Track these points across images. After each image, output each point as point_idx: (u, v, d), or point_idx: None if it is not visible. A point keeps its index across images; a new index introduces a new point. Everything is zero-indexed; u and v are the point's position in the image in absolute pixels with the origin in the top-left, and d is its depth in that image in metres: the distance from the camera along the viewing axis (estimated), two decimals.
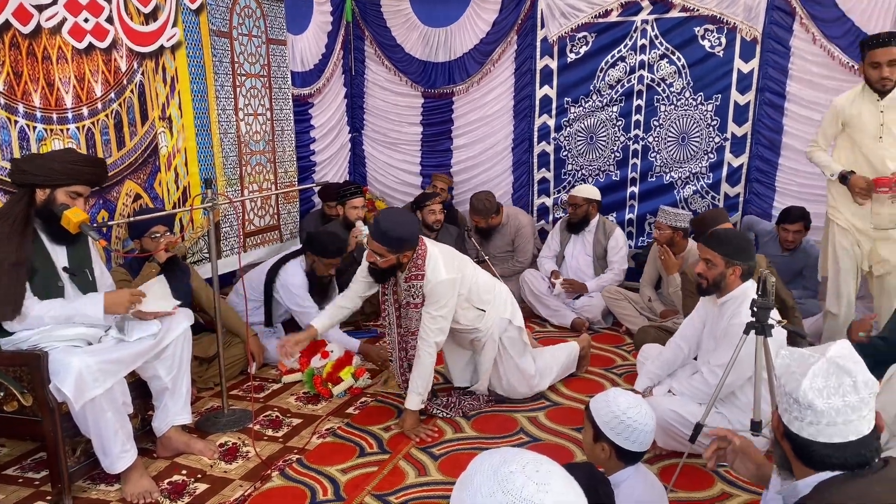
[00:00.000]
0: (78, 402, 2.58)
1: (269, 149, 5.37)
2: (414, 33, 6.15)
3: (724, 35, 5.26)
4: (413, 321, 3.34)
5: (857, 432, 1.41)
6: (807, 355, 1.49)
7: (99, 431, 2.69)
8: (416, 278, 3.24)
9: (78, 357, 2.60)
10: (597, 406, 2.12)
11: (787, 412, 1.48)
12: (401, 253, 3.17)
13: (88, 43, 3.72)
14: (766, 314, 2.52)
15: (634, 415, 2.05)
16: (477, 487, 1.06)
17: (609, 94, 5.66)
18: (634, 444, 2.05)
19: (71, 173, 2.79)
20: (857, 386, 1.41)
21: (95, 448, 2.74)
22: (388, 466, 2.99)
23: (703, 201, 5.57)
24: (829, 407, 1.40)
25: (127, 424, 2.80)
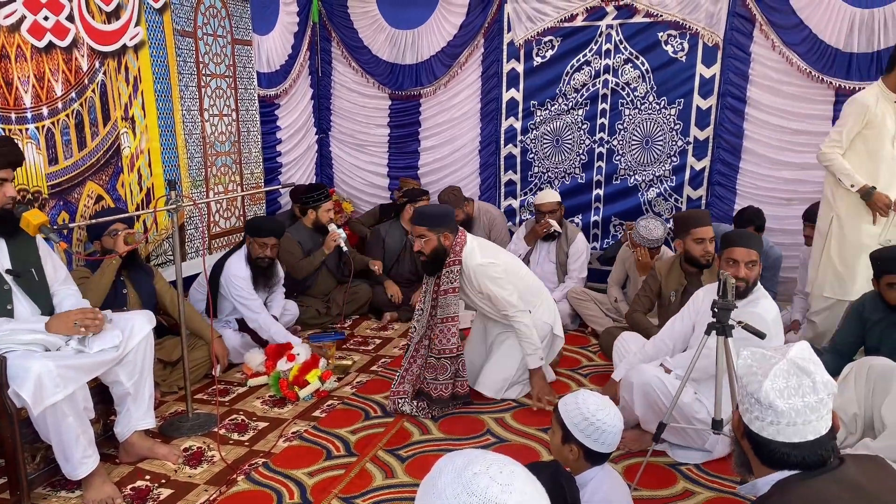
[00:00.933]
0: (37, 407, 2.52)
1: (235, 150, 5.32)
2: (381, 35, 6.15)
3: (686, 40, 5.36)
4: (450, 307, 3.53)
5: (815, 432, 1.45)
6: (768, 356, 1.53)
7: (60, 437, 2.64)
8: (454, 263, 3.51)
9: (38, 362, 2.54)
10: (566, 408, 2.14)
11: (748, 412, 1.52)
12: (440, 232, 3.47)
13: (48, 41, 3.65)
14: (726, 315, 2.57)
15: (603, 416, 2.08)
16: (441, 490, 1.07)
17: (574, 97, 5.72)
18: (603, 445, 2.08)
19: None
20: (816, 387, 1.45)
21: (56, 454, 2.68)
22: (355, 469, 2.99)
23: (667, 204, 5.66)
24: (789, 407, 1.44)
25: (88, 429, 2.75)
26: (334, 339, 4.70)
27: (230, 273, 4.22)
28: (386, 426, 3.41)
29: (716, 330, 2.60)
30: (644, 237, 4.43)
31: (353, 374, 4.12)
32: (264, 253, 4.30)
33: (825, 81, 5.02)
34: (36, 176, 3.64)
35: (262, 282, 4.37)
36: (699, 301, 3.24)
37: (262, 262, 4.33)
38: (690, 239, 3.72)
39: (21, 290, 2.83)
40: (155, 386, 3.54)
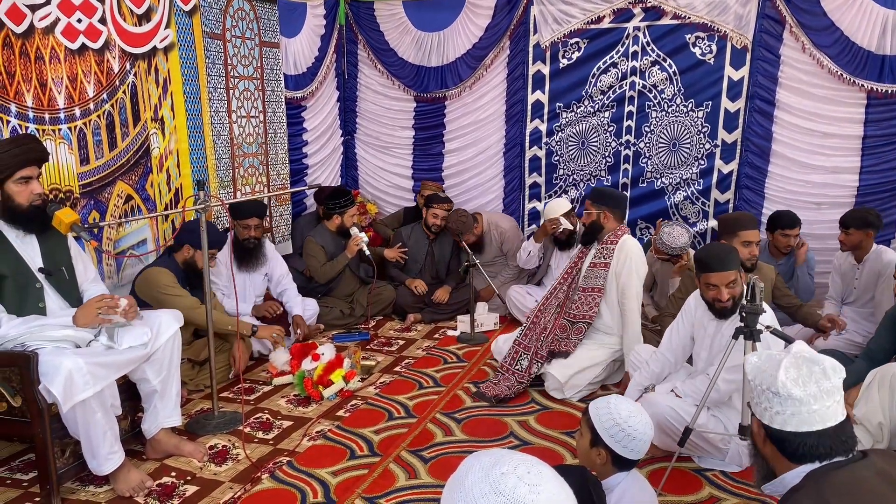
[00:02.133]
0: (67, 403, 2.57)
1: (262, 151, 5.37)
2: (407, 37, 6.16)
3: (714, 42, 5.31)
4: (599, 279, 3.91)
5: (834, 417, 1.50)
6: (773, 354, 1.61)
7: (88, 433, 2.68)
8: (612, 242, 3.90)
9: (69, 358, 2.58)
10: (597, 412, 2.12)
11: (767, 410, 1.54)
12: (601, 209, 3.91)
13: (81, 43, 3.72)
14: (754, 319, 2.54)
15: (635, 423, 2.06)
16: (469, 489, 1.07)
17: (601, 99, 5.69)
18: (632, 452, 2.06)
19: (5, 163, 2.69)
20: (827, 372, 1.52)
21: (84, 450, 2.72)
22: (379, 469, 3.00)
23: (694, 207, 5.61)
24: (806, 394, 1.49)
25: (115, 426, 2.79)
26: (359, 339, 4.73)
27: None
28: (409, 427, 3.41)
29: (743, 335, 2.57)
30: (667, 244, 4.36)
31: (376, 374, 4.14)
32: (249, 234, 4.43)
33: (856, 84, 4.94)
34: (68, 175, 3.70)
35: (248, 262, 4.49)
36: (691, 309, 3.19)
37: (249, 243, 4.45)
38: (738, 241, 3.69)
39: (53, 289, 2.88)
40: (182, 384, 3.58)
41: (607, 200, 3.95)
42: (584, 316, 3.91)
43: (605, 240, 3.93)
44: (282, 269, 4.75)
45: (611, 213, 3.93)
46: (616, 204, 3.97)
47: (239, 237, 4.41)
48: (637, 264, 3.85)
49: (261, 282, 4.66)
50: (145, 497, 2.78)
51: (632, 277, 3.84)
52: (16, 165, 2.72)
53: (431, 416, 3.53)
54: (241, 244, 4.43)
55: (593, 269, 3.94)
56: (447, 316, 5.24)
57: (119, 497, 2.78)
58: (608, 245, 3.91)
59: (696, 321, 3.13)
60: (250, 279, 4.56)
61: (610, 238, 3.92)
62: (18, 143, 2.78)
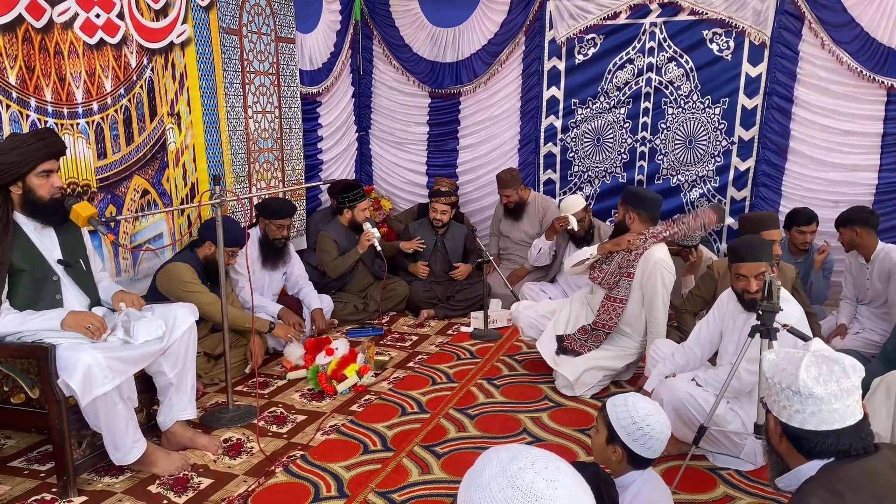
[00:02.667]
0: (86, 398, 2.60)
1: (277, 146, 5.38)
2: (422, 33, 6.16)
3: (732, 39, 5.27)
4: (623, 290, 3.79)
5: (853, 416, 1.50)
6: (792, 352, 1.60)
7: (110, 425, 2.71)
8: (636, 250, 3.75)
9: (87, 353, 2.61)
10: (615, 409, 2.11)
11: (786, 409, 1.54)
12: (627, 211, 3.79)
13: (99, 38, 3.74)
14: (770, 317, 2.52)
15: (653, 422, 2.05)
16: (486, 483, 1.06)
17: (617, 96, 5.66)
18: (649, 451, 2.05)
19: (27, 157, 2.72)
20: (847, 371, 1.51)
21: (106, 442, 2.76)
22: (392, 464, 3.00)
23: (710, 205, 5.57)
24: (828, 393, 1.48)
25: (134, 416, 2.83)
26: (372, 334, 4.74)
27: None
28: (422, 422, 3.42)
29: (760, 333, 2.55)
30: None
31: (390, 369, 4.14)
32: (281, 234, 4.45)
33: (876, 81, 4.89)
34: (85, 170, 3.73)
35: (274, 261, 4.51)
36: (723, 303, 3.17)
37: (279, 242, 4.47)
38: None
39: (71, 281, 2.91)
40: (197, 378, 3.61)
41: (635, 201, 3.81)
42: (605, 325, 3.84)
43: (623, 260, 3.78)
44: (300, 269, 4.78)
45: (636, 214, 3.78)
46: (644, 205, 3.79)
47: (269, 236, 4.43)
48: (664, 275, 3.69)
49: (279, 280, 4.68)
50: (160, 488, 2.80)
51: (657, 291, 3.69)
52: (38, 159, 2.75)
53: (444, 412, 3.53)
54: (270, 243, 4.45)
55: (618, 277, 3.81)
56: (461, 312, 5.24)
57: (135, 486, 2.81)
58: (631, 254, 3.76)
59: (727, 314, 3.11)
60: (270, 277, 4.57)
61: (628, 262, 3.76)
62: (41, 137, 2.81)
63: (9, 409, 2.78)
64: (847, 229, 4.12)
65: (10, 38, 3.26)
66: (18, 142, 2.74)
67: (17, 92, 3.33)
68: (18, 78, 3.32)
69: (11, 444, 3.19)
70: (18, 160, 2.71)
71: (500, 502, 1.04)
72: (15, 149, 2.71)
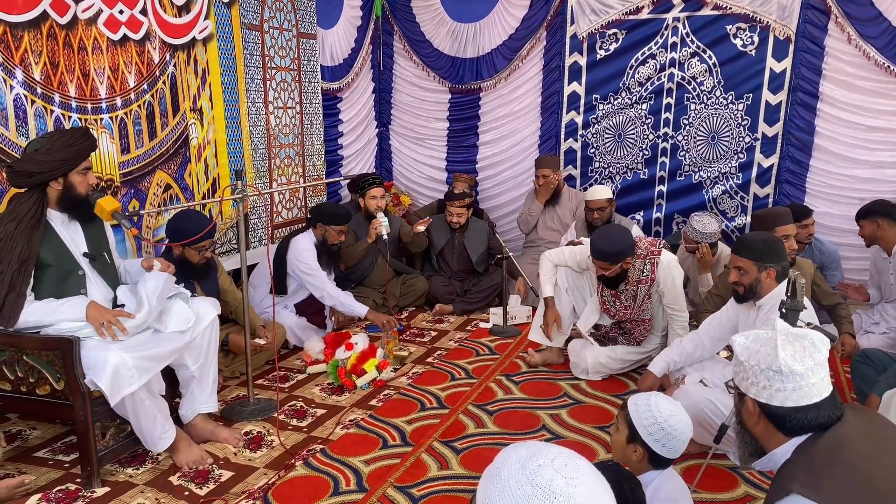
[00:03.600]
0: (114, 397, 2.64)
1: (298, 142, 5.41)
2: (443, 28, 6.15)
3: (756, 34, 5.21)
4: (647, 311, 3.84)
5: (827, 388, 1.56)
6: (760, 334, 1.65)
7: (138, 420, 2.78)
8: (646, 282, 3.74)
9: (114, 353, 2.64)
10: (636, 408, 2.10)
11: (766, 389, 1.57)
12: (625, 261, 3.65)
13: (123, 34, 3.78)
14: (794, 315, 2.49)
15: (676, 423, 2.04)
16: (505, 480, 1.06)
17: (638, 91, 5.62)
18: (670, 451, 2.04)
19: (79, 154, 2.82)
20: (816, 344, 1.58)
21: (136, 431, 2.83)
22: (411, 459, 3.01)
23: (732, 202, 5.52)
24: (806, 368, 1.54)
25: (164, 407, 2.89)
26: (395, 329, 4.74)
27: (298, 248, 4.37)
28: (441, 418, 3.42)
29: None
30: (698, 231, 4.31)
31: (409, 364, 4.15)
32: (340, 239, 4.52)
33: None
34: (109, 164, 3.77)
35: (327, 260, 4.54)
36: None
37: (335, 247, 4.53)
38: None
39: (97, 274, 2.95)
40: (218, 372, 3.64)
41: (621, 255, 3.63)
42: (639, 339, 3.94)
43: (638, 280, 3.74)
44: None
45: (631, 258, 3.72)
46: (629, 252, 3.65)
47: (329, 241, 4.47)
48: (674, 274, 3.75)
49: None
50: (181, 480, 2.83)
51: (676, 289, 3.76)
52: (85, 155, 2.85)
53: (463, 408, 3.54)
54: (328, 247, 4.49)
55: (641, 308, 3.80)
56: (477, 305, 5.23)
57: (157, 478, 2.84)
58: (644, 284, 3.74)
59: (741, 309, 3.11)
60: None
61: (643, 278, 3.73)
62: (87, 135, 2.89)
63: (35, 399, 2.82)
64: (868, 221, 4.08)
65: (35, 34, 3.30)
66: (71, 139, 2.81)
67: (42, 87, 3.37)
68: (43, 74, 3.37)
69: (37, 434, 3.24)
70: (71, 157, 2.79)
71: (518, 499, 1.03)
72: (70, 146, 2.79)
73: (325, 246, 4.47)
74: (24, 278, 2.71)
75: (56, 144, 2.78)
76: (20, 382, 2.81)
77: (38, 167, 2.75)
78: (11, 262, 2.68)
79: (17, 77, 3.25)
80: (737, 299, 3.08)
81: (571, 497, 1.03)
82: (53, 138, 2.82)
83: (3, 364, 2.81)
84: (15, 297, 2.68)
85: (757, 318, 2.99)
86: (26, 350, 2.76)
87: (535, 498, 1.03)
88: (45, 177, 2.77)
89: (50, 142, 2.79)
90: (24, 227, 2.72)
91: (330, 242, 4.47)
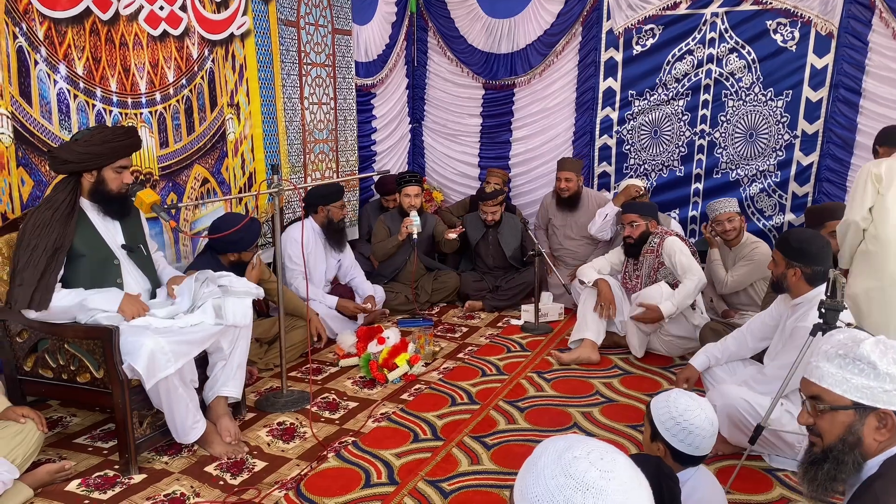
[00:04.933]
0: (150, 381, 2.68)
1: (332, 138, 5.45)
2: (477, 24, 6.14)
3: (797, 29, 5.10)
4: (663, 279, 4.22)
5: None
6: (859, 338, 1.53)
7: (171, 407, 2.81)
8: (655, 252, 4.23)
9: (150, 338, 2.69)
10: (657, 405, 2.10)
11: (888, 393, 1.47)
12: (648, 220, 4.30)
13: (163, 30, 3.84)
14: (833, 316, 2.44)
15: (691, 418, 2.01)
16: (541, 470, 1.06)
17: (675, 87, 5.55)
18: (689, 447, 2.01)
19: (113, 152, 2.88)
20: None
21: (168, 422, 2.86)
22: (442, 453, 3.02)
23: (770, 200, 5.43)
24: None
25: (195, 397, 2.93)
26: (423, 325, 4.76)
27: (287, 239, 4.39)
28: (472, 413, 3.42)
29: (822, 332, 2.47)
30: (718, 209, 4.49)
31: (440, 360, 4.16)
32: (344, 213, 4.58)
33: None
34: (148, 158, 3.84)
35: (340, 242, 4.61)
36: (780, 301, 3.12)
37: (342, 224, 4.59)
38: (826, 232, 3.73)
39: (133, 265, 3.01)
40: (251, 363, 3.70)
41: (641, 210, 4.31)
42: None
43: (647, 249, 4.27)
44: (352, 257, 4.84)
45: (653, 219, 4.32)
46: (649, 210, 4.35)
47: (335, 219, 4.53)
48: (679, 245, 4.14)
49: (334, 266, 4.73)
50: (217, 470, 2.87)
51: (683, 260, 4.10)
52: (122, 154, 2.92)
53: (494, 404, 3.53)
54: (335, 226, 4.54)
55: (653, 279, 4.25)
56: (508, 302, 5.22)
57: (192, 466, 2.89)
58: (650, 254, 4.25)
59: (783, 307, 3.09)
60: (326, 264, 4.64)
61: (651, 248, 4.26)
62: (129, 135, 2.97)
63: (75, 387, 2.89)
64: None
65: (78, 30, 3.37)
66: (109, 136, 2.89)
67: (85, 82, 3.44)
68: (85, 69, 3.44)
69: (77, 421, 3.32)
70: (107, 153, 2.87)
71: (552, 489, 1.04)
72: (106, 142, 2.86)
73: (331, 226, 4.51)
74: (56, 266, 2.78)
75: (93, 139, 2.86)
76: (61, 370, 2.88)
77: (71, 156, 2.84)
78: (46, 248, 2.75)
79: (61, 72, 3.33)
80: (773, 288, 3.16)
81: (604, 491, 1.02)
82: (94, 132, 2.90)
83: (46, 352, 2.89)
84: (46, 283, 2.75)
85: (791, 317, 2.95)
86: (68, 339, 2.83)
87: (568, 488, 1.02)
88: (77, 167, 2.85)
89: (90, 135, 2.88)
90: (59, 215, 2.81)
91: (336, 220, 4.52)
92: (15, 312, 2.77)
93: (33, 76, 3.21)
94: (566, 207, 5.40)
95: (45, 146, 3.27)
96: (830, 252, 2.96)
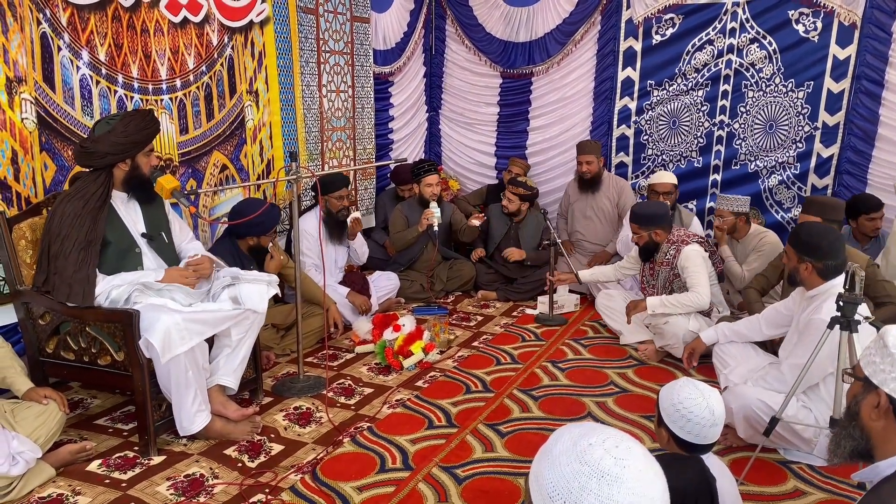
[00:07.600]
0: (165, 355, 2.71)
1: (350, 125, 5.46)
2: (496, 12, 6.12)
3: (820, 19, 5.04)
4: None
5: None
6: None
7: (178, 390, 2.82)
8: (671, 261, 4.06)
9: (167, 314, 2.74)
10: (663, 392, 2.13)
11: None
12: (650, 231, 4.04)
13: (183, 17, 3.86)
14: (852, 309, 2.43)
15: (691, 406, 2.02)
16: (556, 456, 1.08)
17: (695, 77, 5.51)
18: (689, 434, 2.02)
19: (148, 138, 2.97)
20: None
21: (174, 408, 2.87)
22: (456, 440, 3.04)
23: (789, 192, 5.38)
24: None
25: (203, 385, 2.95)
26: (438, 313, 4.78)
27: (302, 228, 4.34)
28: (486, 401, 3.45)
29: (840, 325, 2.46)
30: (724, 199, 4.50)
31: (454, 348, 4.18)
32: (343, 205, 4.53)
33: None
34: (168, 144, 3.87)
35: (340, 234, 4.59)
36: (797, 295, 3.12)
37: (343, 214, 4.54)
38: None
39: (154, 252, 3.05)
40: (268, 349, 3.74)
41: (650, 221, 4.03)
42: None
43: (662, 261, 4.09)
44: (364, 245, 4.86)
45: (660, 230, 4.04)
46: (659, 220, 4.04)
47: (333, 210, 4.50)
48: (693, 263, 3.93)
49: (343, 255, 4.76)
50: (234, 452, 2.92)
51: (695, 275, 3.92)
52: (152, 138, 3.00)
53: (508, 392, 3.55)
54: (334, 217, 4.52)
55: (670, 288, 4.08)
56: (522, 296, 5.21)
57: (211, 449, 2.93)
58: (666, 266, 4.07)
59: (799, 298, 3.09)
60: (336, 252, 4.67)
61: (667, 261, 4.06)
62: (154, 119, 3.03)
63: (96, 369, 2.94)
64: None
65: (100, 16, 3.40)
66: (142, 123, 2.95)
67: (107, 68, 3.48)
68: (108, 55, 3.47)
69: (97, 403, 3.38)
70: (142, 140, 2.95)
71: (566, 476, 1.05)
72: (141, 129, 2.93)
73: (331, 217, 4.50)
74: (91, 258, 2.83)
75: (130, 128, 2.90)
76: (83, 353, 2.93)
77: (112, 149, 2.88)
78: (78, 240, 2.79)
79: (84, 58, 3.36)
80: (789, 281, 3.16)
81: (619, 478, 1.04)
82: (126, 121, 2.92)
83: (67, 335, 2.94)
84: (84, 277, 2.80)
85: (806, 310, 2.94)
86: (89, 322, 2.88)
87: (583, 475, 1.04)
88: (118, 158, 2.90)
89: (123, 124, 2.90)
90: (91, 206, 2.85)
91: (335, 211, 4.49)
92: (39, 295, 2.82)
93: (56, 62, 3.24)
94: (587, 189, 5.43)
95: (68, 131, 3.31)
96: (843, 246, 2.93)
